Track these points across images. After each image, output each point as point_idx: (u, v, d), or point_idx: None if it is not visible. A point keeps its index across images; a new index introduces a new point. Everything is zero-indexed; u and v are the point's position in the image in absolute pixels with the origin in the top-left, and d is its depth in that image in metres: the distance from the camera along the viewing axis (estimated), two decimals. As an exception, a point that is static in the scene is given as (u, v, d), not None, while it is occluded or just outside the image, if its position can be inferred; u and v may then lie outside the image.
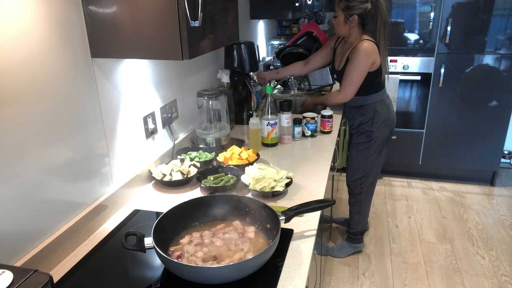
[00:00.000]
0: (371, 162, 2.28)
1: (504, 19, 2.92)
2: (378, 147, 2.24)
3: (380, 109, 2.17)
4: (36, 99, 0.97)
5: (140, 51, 1.10)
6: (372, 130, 2.20)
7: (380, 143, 2.24)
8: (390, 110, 2.23)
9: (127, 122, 1.37)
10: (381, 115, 2.18)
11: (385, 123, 2.20)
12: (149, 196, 1.42)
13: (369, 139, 2.22)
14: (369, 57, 2.02)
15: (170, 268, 0.97)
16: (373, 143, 2.22)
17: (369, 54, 2.02)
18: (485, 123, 3.19)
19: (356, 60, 2.03)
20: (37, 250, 0.99)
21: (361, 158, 2.29)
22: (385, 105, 2.19)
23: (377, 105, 2.17)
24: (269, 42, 3.37)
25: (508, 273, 2.38)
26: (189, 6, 1.03)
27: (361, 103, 2.18)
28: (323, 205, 1.18)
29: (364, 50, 2.01)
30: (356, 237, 2.52)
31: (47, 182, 1.03)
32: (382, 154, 2.30)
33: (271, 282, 0.96)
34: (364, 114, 2.20)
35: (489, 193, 3.31)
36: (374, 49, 2.04)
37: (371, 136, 2.21)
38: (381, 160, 2.32)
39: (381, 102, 2.18)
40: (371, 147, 2.24)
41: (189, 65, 1.82)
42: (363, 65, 2.03)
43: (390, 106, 2.23)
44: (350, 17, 2.01)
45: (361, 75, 2.05)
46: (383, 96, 2.20)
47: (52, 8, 1.00)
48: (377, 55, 2.05)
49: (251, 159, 1.59)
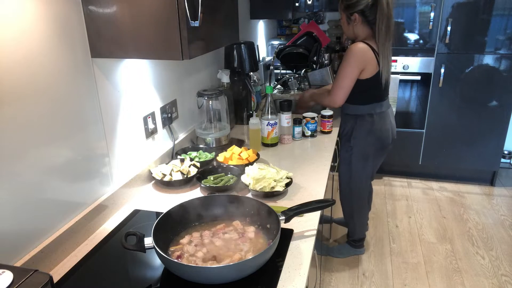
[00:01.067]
0: (354, 176, 2.19)
1: (504, 19, 2.92)
2: (359, 161, 2.13)
3: (362, 122, 2.03)
4: (36, 99, 0.97)
5: (140, 51, 1.10)
6: (351, 145, 2.10)
7: (361, 158, 2.12)
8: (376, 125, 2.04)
9: (127, 122, 1.37)
10: (362, 129, 2.04)
11: (367, 138, 2.05)
12: (149, 196, 1.42)
13: (348, 153, 2.15)
14: (357, 61, 1.87)
15: (170, 268, 0.97)
16: (353, 157, 2.13)
17: (358, 58, 1.87)
18: (485, 123, 3.19)
19: (343, 62, 1.91)
20: (37, 250, 0.99)
21: (346, 170, 2.21)
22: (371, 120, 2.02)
23: (359, 118, 2.03)
24: (269, 42, 3.37)
25: (508, 273, 2.38)
26: (189, 6, 1.03)
27: (346, 110, 2.09)
28: (323, 205, 1.18)
29: (353, 53, 1.87)
30: (355, 244, 2.51)
31: (47, 182, 1.03)
32: (366, 168, 2.16)
33: (271, 282, 0.96)
34: (346, 124, 2.11)
35: (489, 193, 3.31)
36: (366, 54, 1.87)
37: (349, 150, 2.13)
38: (365, 174, 2.19)
39: (368, 115, 2.02)
40: (351, 161, 2.15)
41: (189, 65, 1.82)
42: (349, 69, 1.89)
43: (379, 121, 2.04)
44: (351, 16, 1.90)
45: (348, 78, 1.90)
46: (374, 110, 2.02)
47: (52, 8, 1.00)
48: (370, 61, 1.88)
49: (251, 159, 1.59)
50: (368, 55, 1.88)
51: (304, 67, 2.81)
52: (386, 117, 2.08)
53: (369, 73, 1.92)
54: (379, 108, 2.04)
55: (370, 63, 1.89)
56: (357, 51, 1.87)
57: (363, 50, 1.87)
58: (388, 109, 2.10)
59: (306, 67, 2.80)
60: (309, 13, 3.40)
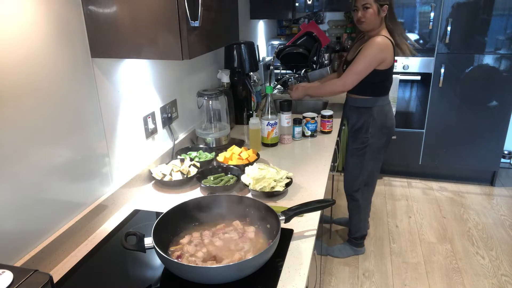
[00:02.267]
0: (366, 168, 2.24)
1: (504, 19, 2.92)
2: (373, 153, 2.19)
3: (377, 115, 2.11)
4: (36, 99, 0.97)
5: (140, 51, 1.10)
6: (367, 137, 2.15)
7: (375, 150, 2.18)
8: (388, 117, 2.15)
9: (127, 122, 1.37)
10: (377, 122, 2.12)
11: (382, 130, 2.14)
12: (149, 196, 1.42)
13: (363, 146, 2.18)
14: (381, 52, 1.95)
15: (170, 268, 0.97)
16: (368, 150, 2.18)
17: (382, 49, 1.95)
18: (485, 123, 3.19)
19: (367, 50, 1.96)
20: (37, 250, 0.99)
21: (356, 164, 2.25)
22: (383, 112, 2.12)
23: (374, 110, 2.10)
24: (269, 42, 3.37)
25: (508, 273, 2.38)
26: (189, 6, 1.03)
27: (360, 104, 2.13)
28: (323, 205, 1.18)
29: (378, 43, 1.95)
30: (357, 241, 2.51)
31: (47, 182, 1.03)
32: (378, 161, 2.25)
33: (271, 282, 0.96)
34: (360, 118, 2.14)
35: (489, 193, 3.31)
36: (388, 46, 1.97)
37: (365, 142, 2.16)
38: (377, 166, 2.27)
39: (380, 108, 2.11)
40: (366, 153, 2.19)
41: (189, 65, 1.82)
42: (372, 57, 1.96)
43: (388, 113, 2.15)
44: (382, 7, 1.95)
45: (367, 66, 1.98)
46: (385, 102, 2.13)
47: (52, 8, 1.00)
48: (390, 53, 1.98)
49: (251, 159, 1.59)
50: (390, 48, 1.98)
51: (304, 67, 2.82)
52: (390, 107, 2.20)
53: (386, 65, 2.00)
54: (387, 100, 2.15)
55: (390, 55, 1.99)
56: (381, 43, 1.95)
57: (386, 43, 1.96)
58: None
59: (306, 67, 2.80)
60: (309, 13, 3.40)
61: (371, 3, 1.95)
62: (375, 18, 1.97)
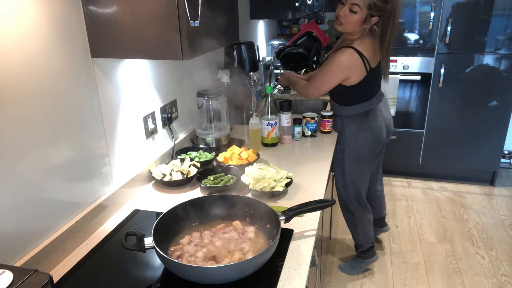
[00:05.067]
0: (349, 177, 2.06)
1: (504, 19, 2.92)
2: (352, 163, 2.02)
3: (350, 123, 1.95)
4: (36, 99, 0.97)
5: (140, 51, 1.10)
6: (342, 148, 2.00)
7: (353, 160, 2.01)
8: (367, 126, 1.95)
9: (127, 122, 1.37)
10: (351, 130, 1.95)
11: (357, 140, 1.96)
12: (149, 196, 1.42)
13: (339, 156, 2.03)
14: (342, 71, 1.79)
15: (170, 268, 0.97)
16: (346, 159, 2.02)
17: (344, 67, 1.77)
18: (485, 123, 3.19)
19: (327, 66, 1.82)
20: (37, 250, 0.99)
21: (338, 172, 2.10)
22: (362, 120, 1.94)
23: (349, 118, 1.95)
24: (269, 42, 3.37)
25: (508, 273, 2.38)
26: (189, 6, 1.03)
27: (335, 110, 2.01)
28: (323, 205, 1.18)
29: (339, 61, 1.76)
30: (365, 254, 2.33)
31: (47, 182, 1.03)
32: (363, 169, 2.05)
33: (271, 282, 0.96)
34: (335, 126, 2.02)
35: (489, 193, 3.31)
36: (352, 64, 1.76)
37: (340, 153, 2.02)
38: (363, 174, 2.07)
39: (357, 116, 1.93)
40: (344, 165, 2.03)
41: (189, 65, 1.82)
42: (329, 77, 1.83)
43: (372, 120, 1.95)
44: (372, 17, 1.72)
45: (326, 82, 1.85)
46: (365, 108, 1.93)
47: (52, 8, 1.00)
48: (355, 70, 1.78)
49: (251, 159, 1.59)
50: (353, 64, 1.77)
51: (304, 67, 2.81)
52: (378, 113, 1.98)
53: (354, 80, 1.82)
54: (368, 106, 1.93)
55: (356, 72, 1.79)
56: (346, 62, 1.77)
57: (350, 61, 1.76)
58: (379, 103, 2.00)
59: (306, 67, 2.80)
60: (309, 13, 3.39)
61: (362, 7, 1.68)
62: (357, 25, 1.73)
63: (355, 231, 2.27)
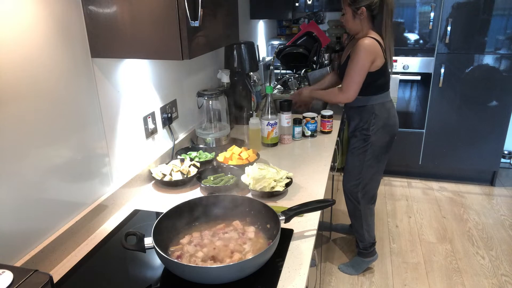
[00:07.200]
0: (367, 168, 2.15)
1: (504, 19, 2.92)
2: (374, 152, 2.12)
3: (379, 112, 2.06)
4: (35, 99, 0.97)
5: (140, 51, 1.10)
6: (369, 134, 2.08)
7: (377, 149, 2.11)
8: (391, 115, 2.10)
9: (127, 122, 1.37)
10: (380, 119, 2.06)
11: (384, 128, 2.08)
12: (149, 196, 1.42)
13: (365, 144, 2.11)
14: (369, 55, 1.92)
15: (170, 268, 0.97)
16: (369, 148, 2.10)
17: (369, 52, 1.91)
18: (485, 123, 3.19)
19: (355, 58, 1.93)
20: (37, 250, 0.99)
21: (356, 163, 2.17)
22: (385, 109, 2.08)
23: (375, 107, 2.06)
24: (269, 42, 3.37)
25: (508, 273, 2.38)
26: (189, 6, 1.03)
27: (359, 103, 2.08)
28: (323, 205, 1.18)
29: (363, 47, 1.90)
30: (367, 251, 2.36)
31: (47, 182, 1.03)
32: (380, 162, 2.16)
33: (271, 282, 0.96)
34: (361, 116, 2.10)
35: (489, 193, 3.31)
36: (375, 47, 1.93)
37: (367, 140, 2.10)
38: (379, 167, 2.19)
39: (381, 105, 2.07)
40: (367, 152, 2.11)
41: (189, 65, 1.82)
42: (362, 63, 1.92)
43: (391, 110, 2.11)
44: (358, 10, 1.91)
45: (361, 74, 1.94)
46: (385, 99, 2.09)
47: (52, 8, 1.00)
48: (378, 54, 1.94)
49: (251, 159, 1.59)
50: (376, 48, 1.94)
51: (304, 67, 2.82)
52: (393, 105, 2.18)
53: (376, 66, 1.98)
54: (387, 97, 2.12)
55: (378, 55, 1.96)
56: (368, 45, 1.92)
57: (372, 44, 1.92)
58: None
59: (306, 67, 2.80)
60: (309, 13, 3.39)
61: (345, 8, 1.97)
62: (352, 22, 1.97)
63: (360, 225, 2.30)
